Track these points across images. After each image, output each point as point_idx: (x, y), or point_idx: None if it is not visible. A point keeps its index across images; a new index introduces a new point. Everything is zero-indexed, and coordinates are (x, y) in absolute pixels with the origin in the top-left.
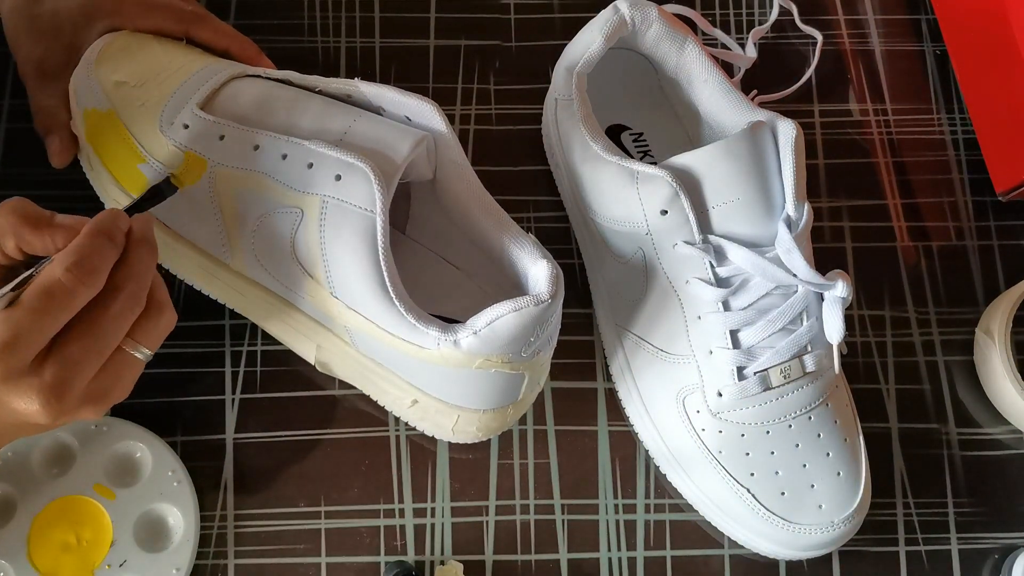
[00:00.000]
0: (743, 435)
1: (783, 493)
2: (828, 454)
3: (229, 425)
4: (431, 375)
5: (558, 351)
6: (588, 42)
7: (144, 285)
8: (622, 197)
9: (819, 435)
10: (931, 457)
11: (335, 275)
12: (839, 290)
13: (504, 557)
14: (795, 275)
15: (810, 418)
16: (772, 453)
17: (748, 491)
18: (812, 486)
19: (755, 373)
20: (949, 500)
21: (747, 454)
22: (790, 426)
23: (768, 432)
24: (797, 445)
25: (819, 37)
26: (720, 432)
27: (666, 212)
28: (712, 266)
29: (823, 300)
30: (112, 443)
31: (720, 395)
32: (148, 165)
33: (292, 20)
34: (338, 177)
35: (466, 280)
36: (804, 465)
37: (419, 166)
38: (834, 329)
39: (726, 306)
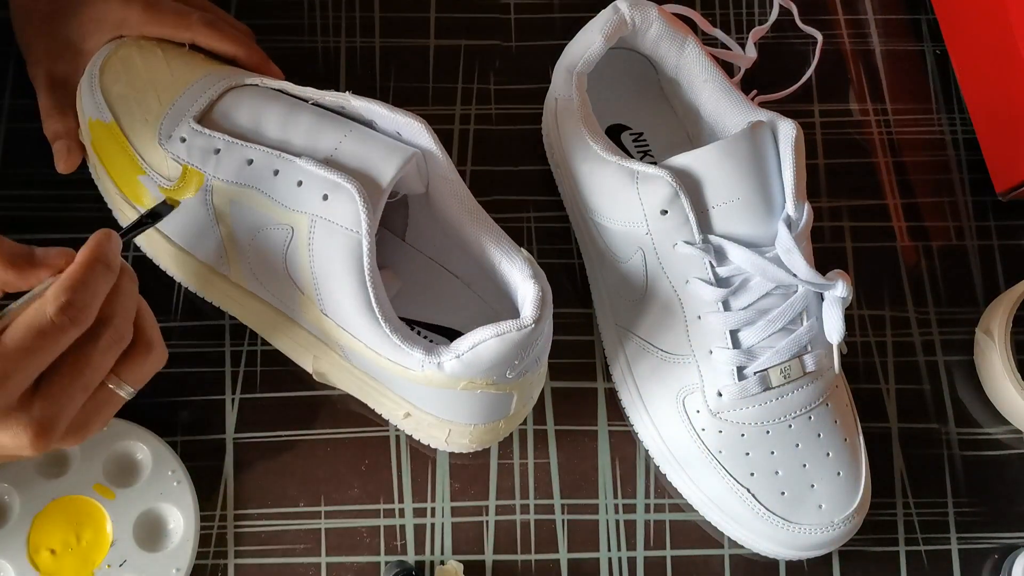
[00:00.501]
0: (743, 435)
1: (783, 493)
2: (828, 454)
3: (229, 425)
4: (420, 392)
5: (558, 351)
6: (588, 42)
7: (129, 318)
8: (622, 197)
9: (819, 435)
10: (931, 457)
11: (324, 294)
12: (839, 290)
13: (504, 557)
14: (795, 275)
15: (810, 418)
16: (772, 453)
17: (748, 491)
18: (812, 486)
19: (755, 373)
20: (949, 500)
21: (747, 454)
22: (790, 426)
23: (768, 432)
24: (797, 445)
25: (819, 37)
26: (720, 432)
27: (666, 212)
28: (712, 266)
29: (823, 300)
30: (112, 443)
31: (720, 395)
32: (148, 177)
33: (292, 20)
34: (325, 196)
35: (465, 290)
36: (804, 465)
37: (410, 181)
38: (834, 329)
39: (726, 306)
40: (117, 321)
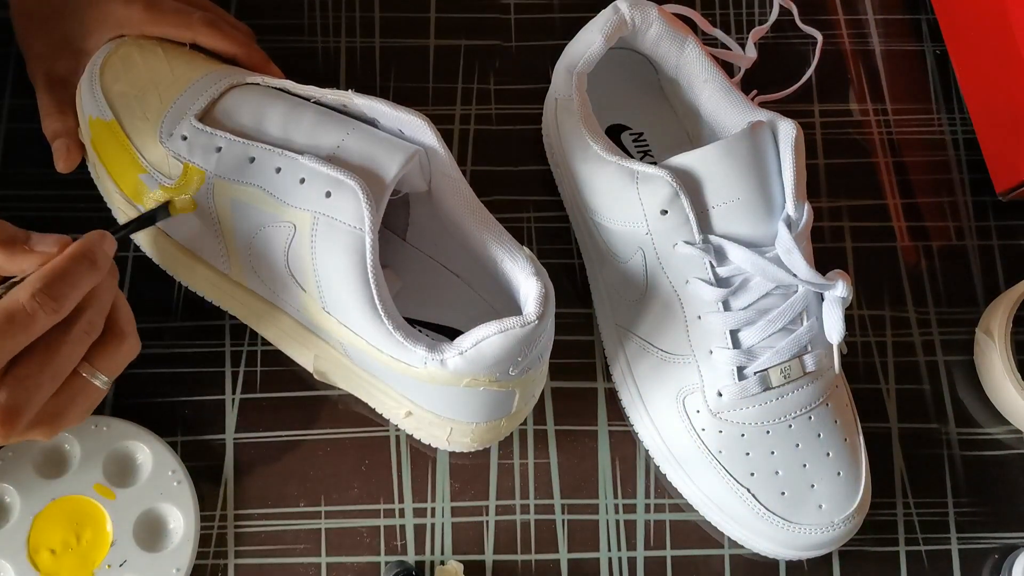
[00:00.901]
0: (743, 435)
1: (783, 493)
2: (828, 454)
3: (229, 425)
4: (422, 390)
5: (558, 351)
6: (588, 42)
7: (102, 310)
8: (622, 197)
9: (819, 435)
10: (931, 457)
11: (326, 291)
12: (839, 290)
13: (504, 557)
14: (795, 275)
15: (810, 418)
16: (772, 453)
17: (748, 491)
18: (812, 486)
19: (755, 373)
20: (949, 500)
21: (747, 454)
22: (790, 426)
23: (768, 432)
24: (797, 445)
25: (819, 37)
26: (720, 432)
27: (666, 212)
28: (712, 266)
29: (823, 300)
30: (112, 443)
31: (720, 395)
32: (149, 175)
33: (292, 20)
34: (328, 194)
35: (467, 289)
36: (804, 465)
37: (413, 179)
38: (834, 329)
39: (726, 306)
40: (90, 313)
